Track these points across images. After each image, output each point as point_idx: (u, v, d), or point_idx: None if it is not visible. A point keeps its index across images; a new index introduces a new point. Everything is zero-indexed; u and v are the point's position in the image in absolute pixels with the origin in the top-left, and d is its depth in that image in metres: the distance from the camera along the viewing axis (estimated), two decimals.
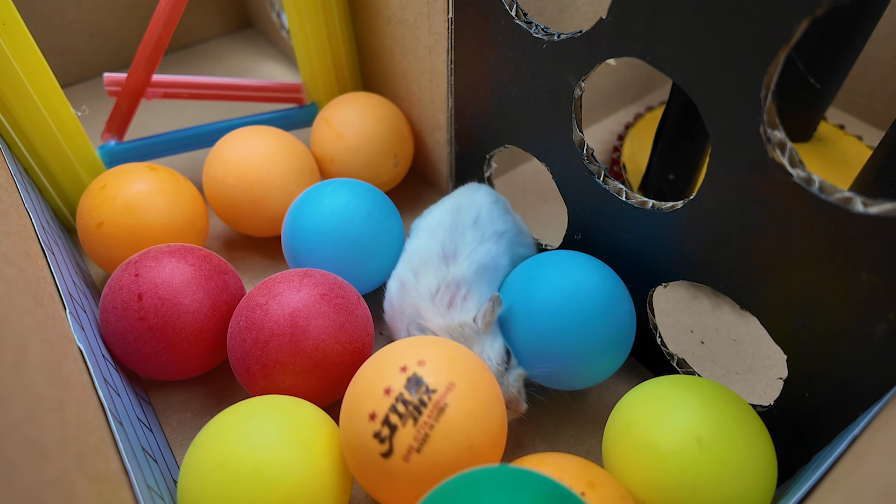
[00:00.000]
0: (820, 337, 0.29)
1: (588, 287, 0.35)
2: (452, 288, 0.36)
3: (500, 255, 0.39)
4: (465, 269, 0.37)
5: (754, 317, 0.32)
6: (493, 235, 0.39)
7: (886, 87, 0.59)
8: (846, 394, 0.29)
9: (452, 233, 0.39)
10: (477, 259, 0.38)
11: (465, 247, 0.38)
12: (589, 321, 0.34)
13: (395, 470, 0.26)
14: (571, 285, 0.35)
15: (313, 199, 0.41)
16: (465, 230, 0.39)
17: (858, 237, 0.25)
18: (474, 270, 0.37)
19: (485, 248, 0.39)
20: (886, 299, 0.26)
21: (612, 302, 0.35)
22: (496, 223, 0.40)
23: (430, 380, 0.28)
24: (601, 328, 0.34)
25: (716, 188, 0.30)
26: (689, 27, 0.27)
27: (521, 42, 0.36)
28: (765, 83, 0.25)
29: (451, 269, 0.37)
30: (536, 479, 0.21)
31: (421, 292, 0.36)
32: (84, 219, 0.42)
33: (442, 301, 0.36)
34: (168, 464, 0.35)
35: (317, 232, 0.40)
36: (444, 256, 0.38)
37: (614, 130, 0.61)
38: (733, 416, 0.29)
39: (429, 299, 0.36)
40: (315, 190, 0.42)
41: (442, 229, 0.39)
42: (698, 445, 0.28)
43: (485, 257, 0.38)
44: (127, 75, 0.47)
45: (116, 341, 0.36)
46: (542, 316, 0.35)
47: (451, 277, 0.37)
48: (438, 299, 0.36)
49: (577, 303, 0.34)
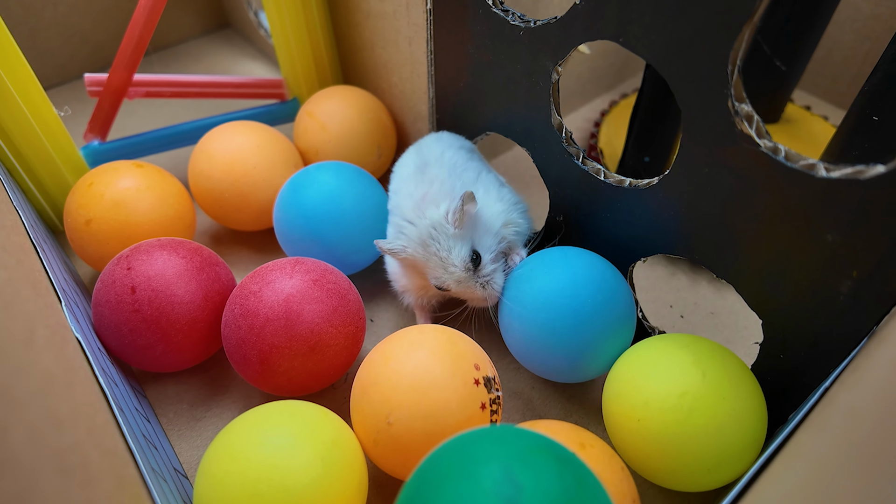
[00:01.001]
0: (791, 298, 0.31)
1: (588, 281, 0.35)
2: (425, 186, 0.38)
3: (471, 160, 0.41)
4: (436, 171, 0.39)
5: (730, 284, 0.33)
6: (461, 148, 0.42)
7: (849, 68, 0.62)
8: (818, 352, 0.31)
9: (420, 151, 0.42)
10: (447, 161, 0.40)
11: (433, 158, 0.40)
12: (591, 314, 0.34)
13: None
14: (572, 281, 0.35)
15: (306, 179, 0.42)
16: (432, 148, 0.41)
17: (822, 201, 0.27)
18: (447, 171, 0.39)
19: (455, 154, 0.41)
20: (850, 258, 0.27)
21: (612, 294, 0.36)
22: (456, 140, 0.43)
23: (489, 371, 0.33)
24: (604, 320, 0.35)
25: (689, 162, 0.31)
26: (658, 8, 0.28)
27: (498, 30, 0.37)
28: (731, 58, 0.27)
29: (426, 174, 0.39)
30: (526, 434, 0.22)
31: (402, 203, 0.39)
32: (72, 217, 0.42)
33: (419, 205, 0.38)
34: (167, 453, 0.36)
35: (310, 210, 0.41)
36: (418, 168, 0.40)
37: (591, 118, 0.62)
38: (734, 364, 0.31)
39: (410, 206, 0.38)
40: (308, 170, 0.43)
41: (412, 164, 0.42)
42: (702, 376, 0.30)
43: (455, 159, 0.40)
44: (108, 75, 0.48)
45: (111, 334, 0.36)
46: (546, 313, 0.35)
47: (426, 180, 0.39)
48: (417, 203, 0.38)
49: (579, 298, 0.35)
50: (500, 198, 0.40)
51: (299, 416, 0.31)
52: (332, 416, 0.32)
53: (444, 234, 0.36)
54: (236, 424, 0.30)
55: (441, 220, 0.36)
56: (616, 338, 0.35)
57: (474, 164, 0.42)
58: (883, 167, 0.25)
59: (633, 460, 0.32)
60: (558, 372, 0.37)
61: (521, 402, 0.40)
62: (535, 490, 0.19)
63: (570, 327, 0.34)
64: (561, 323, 0.34)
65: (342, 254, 0.42)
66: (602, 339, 0.35)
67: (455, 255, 0.36)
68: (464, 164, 0.41)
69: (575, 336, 0.34)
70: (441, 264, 0.36)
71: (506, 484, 0.19)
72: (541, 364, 0.37)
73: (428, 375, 0.31)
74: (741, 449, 0.29)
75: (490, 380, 0.33)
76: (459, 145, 0.43)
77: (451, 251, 0.36)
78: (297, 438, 0.29)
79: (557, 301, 0.35)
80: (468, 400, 0.31)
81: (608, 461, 0.29)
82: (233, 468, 0.28)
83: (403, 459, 0.31)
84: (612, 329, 0.35)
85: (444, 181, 0.39)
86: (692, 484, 0.31)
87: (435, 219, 0.36)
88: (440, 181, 0.39)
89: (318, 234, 0.41)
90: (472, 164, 0.42)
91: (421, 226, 0.36)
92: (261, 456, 0.28)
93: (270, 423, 0.30)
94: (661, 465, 0.31)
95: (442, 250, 0.36)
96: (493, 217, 0.39)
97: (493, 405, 0.32)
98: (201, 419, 0.39)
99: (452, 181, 0.39)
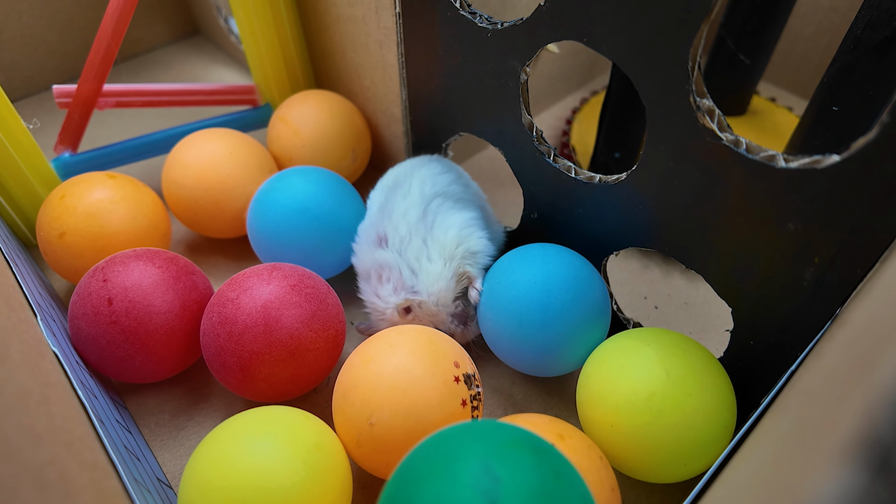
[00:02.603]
0: (758, 286, 0.32)
1: (562, 276, 0.36)
2: (380, 270, 0.39)
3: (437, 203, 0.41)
4: (389, 254, 0.39)
5: (699, 274, 0.34)
6: (427, 198, 0.41)
7: (811, 60, 0.63)
8: (786, 337, 0.32)
9: (382, 209, 0.41)
10: (407, 220, 0.40)
11: (391, 223, 0.40)
12: (566, 308, 0.35)
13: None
14: (545, 277, 0.36)
15: (278, 184, 0.43)
16: (394, 205, 0.41)
17: (783, 191, 0.28)
18: (401, 237, 0.39)
19: (412, 209, 0.40)
20: (812, 245, 0.28)
21: (586, 287, 0.36)
22: (435, 186, 0.42)
23: (469, 368, 0.34)
24: (578, 313, 0.36)
25: (654, 158, 0.32)
26: (619, 8, 0.29)
27: (467, 32, 0.38)
28: (691, 55, 0.28)
29: (379, 253, 0.39)
30: (504, 428, 0.22)
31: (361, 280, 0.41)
32: (45, 230, 0.42)
33: (377, 284, 0.39)
34: (150, 464, 0.35)
35: (283, 214, 0.41)
36: (377, 239, 0.40)
37: (562, 116, 0.63)
38: (698, 357, 0.32)
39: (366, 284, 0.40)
40: (280, 176, 0.43)
41: (376, 207, 0.42)
42: (666, 375, 0.30)
43: (411, 215, 0.40)
44: (77, 85, 0.47)
45: (89, 347, 0.36)
46: (520, 309, 0.36)
47: (381, 260, 0.39)
48: (374, 282, 0.39)
49: (552, 293, 0.35)
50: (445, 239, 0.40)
51: (281, 421, 0.31)
52: (314, 419, 0.32)
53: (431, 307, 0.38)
54: (218, 432, 0.31)
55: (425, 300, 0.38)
56: (589, 332, 0.36)
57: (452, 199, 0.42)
58: (838, 156, 0.26)
59: (610, 459, 0.33)
60: (532, 366, 0.37)
61: (502, 397, 0.41)
62: (512, 482, 0.20)
63: (539, 322, 0.35)
64: (530, 318, 0.35)
65: (317, 258, 0.42)
66: (574, 334, 0.36)
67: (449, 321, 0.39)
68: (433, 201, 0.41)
69: (545, 331, 0.35)
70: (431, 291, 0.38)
71: (483, 477, 0.20)
72: (515, 358, 0.37)
73: (408, 375, 0.31)
74: (712, 439, 0.30)
75: (470, 377, 0.33)
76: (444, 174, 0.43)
77: (444, 292, 0.38)
78: (280, 443, 0.29)
79: (528, 296, 0.35)
80: (448, 397, 0.31)
81: (586, 451, 0.29)
82: (216, 475, 0.28)
83: (386, 459, 0.31)
84: (585, 324, 0.36)
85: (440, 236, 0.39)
86: (670, 477, 0.32)
87: (425, 268, 0.38)
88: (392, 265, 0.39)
89: (291, 240, 0.41)
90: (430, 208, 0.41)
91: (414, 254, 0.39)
92: (244, 462, 0.28)
93: (252, 429, 0.30)
94: (637, 464, 0.32)
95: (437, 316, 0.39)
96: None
97: (474, 401, 0.33)
98: (183, 429, 0.39)
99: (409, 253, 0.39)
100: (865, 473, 0.07)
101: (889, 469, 0.07)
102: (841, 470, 0.08)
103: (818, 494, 0.08)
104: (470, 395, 0.32)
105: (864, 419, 0.08)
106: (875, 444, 0.08)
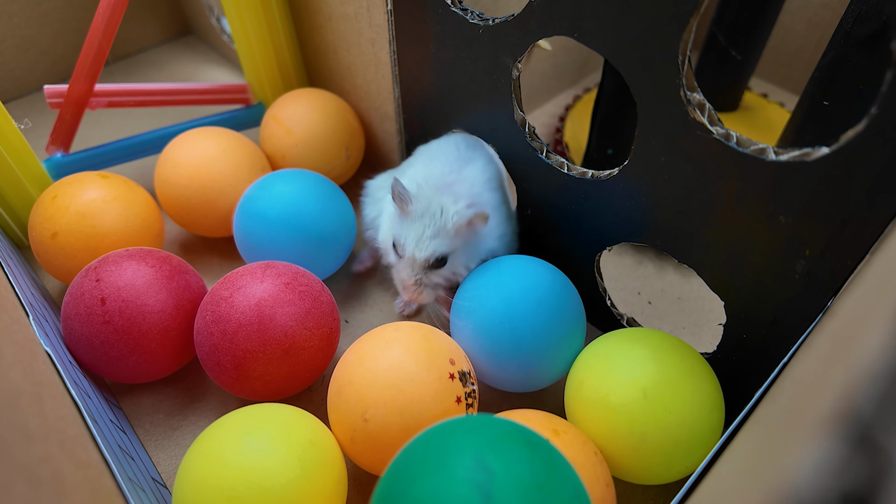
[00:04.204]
0: (750, 279, 0.32)
1: (536, 291, 0.36)
2: (456, 175, 0.40)
3: (501, 186, 0.42)
4: (474, 172, 0.41)
5: (692, 268, 0.34)
6: (501, 170, 0.43)
7: (802, 55, 0.63)
8: (778, 329, 0.32)
9: (471, 147, 0.42)
10: (489, 170, 0.41)
11: (480, 157, 0.42)
12: (540, 323, 0.35)
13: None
14: (520, 292, 0.35)
15: (262, 191, 0.42)
16: (478, 154, 0.42)
17: (774, 184, 0.28)
18: (484, 178, 0.41)
19: (497, 171, 0.42)
20: (802, 238, 0.28)
21: (560, 300, 0.36)
22: (503, 165, 0.43)
23: (465, 366, 0.34)
24: (554, 327, 0.35)
25: (646, 152, 0.32)
26: (609, 3, 0.29)
27: (458, 28, 0.38)
28: (681, 49, 0.28)
29: (468, 164, 0.41)
30: (497, 422, 0.23)
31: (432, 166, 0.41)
32: (37, 231, 0.41)
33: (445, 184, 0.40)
34: (145, 463, 0.35)
35: (269, 221, 0.41)
36: (469, 146, 0.42)
37: (555, 113, 0.63)
38: (677, 365, 0.32)
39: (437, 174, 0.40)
40: (262, 182, 0.43)
41: (463, 142, 0.43)
42: (643, 396, 0.30)
43: (495, 175, 0.42)
44: (69, 85, 0.47)
45: (83, 347, 0.36)
46: (497, 325, 0.35)
47: (463, 168, 0.41)
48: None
49: (527, 307, 0.35)
50: (500, 235, 0.41)
51: (275, 418, 0.31)
52: (309, 416, 0.32)
53: (439, 224, 0.37)
54: (212, 430, 0.30)
55: (448, 212, 0.37)
56: (565, 345, 0.36)
57: (500, 193, 0.42)
58: (827, 149, 0.26)
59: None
60: (513, 386, 0.37)
61: (497, 393, 0.41)
62: (506, 475, 0.20)
63: (510, 350, 0.35)
64: (501, 348, 0.35)
65: (304, 265, 0.42)
66: (548, 353, 0.35)
67: (429, 244, 0.37)
68: (496, 184, 0.42)
69: (519, 357, 0.35)
70: (416, 237, 0.37)
71: (477, 471, 0.20)
72: (495, 383, 0.37)
73: (403, 372, 0.31)
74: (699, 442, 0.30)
75: (465, 374, 0.33)
76: (502, 166, 0.43)
77: (431, 240, 0.37)
78: (274, 440, 0.29)
79: (498, 326, 0.35)
80: (443, 394, 0.31)
81: (581, 446, 0.30)
82: (210, 472, 0.28)
83: (381, 456, 0.31)
84: (558, 341, 0.35)
85: (475, 184, 0.40)
86: (657, 480, 0.32)
87: (446, 206, 0.37)
88: (470, 182, 0.40)
89: (277, 248, 0.41)
90: (500, 191, 0.42)
91: (434, 200, 0.38)
92: (238, 459, 0.28)
93: (246, 426, 0.30)
94: (624, 467, 0.32)
95: (427, 230, 0.37)
96: (482, 250, 0.40)
97: (469, 398, 0.33)
98: (178, 428, 0.39)
99: (481, 191, 0.40)
100: (844, 446, 0.08)
101: (867, 442, 0.07)
102: (820, 444, 0.08)
103: (798, 469, 0.08)
104: (465, 393, 0.32)
105: (843, 394, 0.09)
106: (854, 418, 0.08)
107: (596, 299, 0.42)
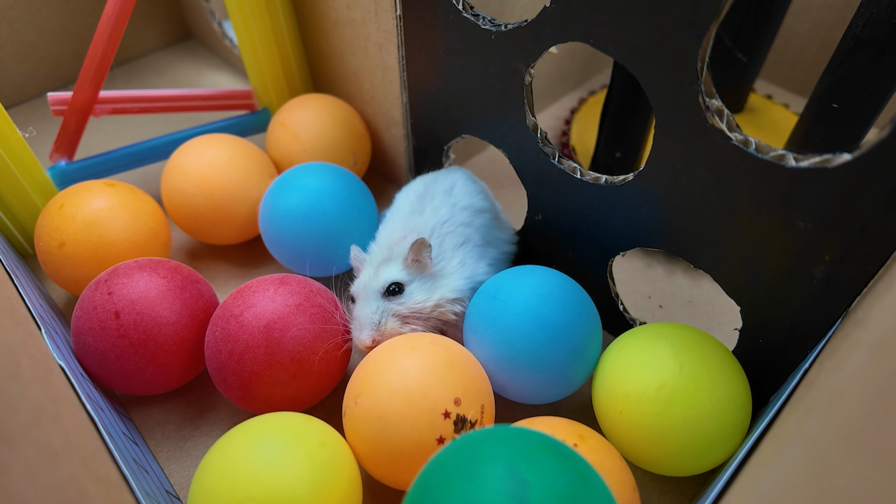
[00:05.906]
0: (767, 285, 0.32)
1: (552, 303, 0.35)
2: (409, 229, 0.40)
3: (468, 226, 0.41)
4: (424, 221, 0.40)
5: (707, 274, 0.34)
6: (465, 208, 0.41)
7: (806, 57, 0.64)
8: (795, 335, 0.32)
9: (422, 198, 0.41)
10: (438, 217, 0.40)
11: (430, 207, 0.41)
12: (557, 336, 0.34)
13: None
14: (537, 304, 0.35)
15: (289, 181, 0.43)
16: (434, 195, 0.41)
17: (793, 189, 0.28)
18: (431, 226, 0.40)
19: (449, 213, 0.41)
20: (821, 244, 0.28)
21: (577, 313, 0.35)
22: (472, 197, 0.42)
23: (470, 413, 0.31)
24: (570, 340, 0.34)
25: (662, 158, 0.32)
26: (626, 9, 0.29)
27: (469, 34, 0.37)
28: (700, 56, 0.28)
29: (421, 215, 0.40)
30: (525, 433, 0.22)
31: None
32: (44, 240, 0.41)
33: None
34: (158, 476, 0.35)
35: (293, 211, 0.42)
36: (419, 197, 0.41)
37: (561, 116, 0.63)
38: (714, 352, 0.32)
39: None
40: (291, 173, 0.44)
41: (415, 194, 0.42)
42: (679, 368, 0.30)
43: (447, 218, 0.40)
44: (73, 93, 0.47)
45: (96, 361, 0.35)
46: (511, 337, 0.34)
47: (414, 222, 0.40)
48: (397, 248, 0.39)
49: (543, 320, 0.34)
50: (468, 276, 0.39)
51: (287, 426, 0.31)
52: (317, 420, 0.32)
53: (385, 255, 0.38)
54: (226, 439, 0.30)
55: (401, 246, 0.38)
56: (581, 362, 0.35)
57: (465, 229, 0.41)
58: (849, 155, 0.26)
59: (619, 447, 0.33)
60: (527, 400, 0.37)
61: (511, 401, 0.40)
62: (540, 485, 0.20)
63: (530, 366, 0.34)
64: (519, 363, 0.34)
65: (331, 252, 0.43)
66: (566, 369, 0.34)
67: (380, 272, 0.37)
68: (457, 224, 0.40)
69: (537, 373, 0.34)
70: (368, 277, 0.38)
71: (511, 481, 0.20)
72: (516, 397, 0.37)
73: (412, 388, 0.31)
74: (723, 436, 0.30)
75: (464, 420, 0.31)
76: (467, 203, 0.42)
77: (382, 266, 0.38)
78: (287, 448, 0.29)
79: (524, 321, 0.34)
80: (429, 432, 0.30)
81: (606, 452, 0.29)
82: (224, 481, 0.28)
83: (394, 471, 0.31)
84: (577, 356, 0.35)
85: (423, 234, 0.39)
86: (678, 470, 0.32)
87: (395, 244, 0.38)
88: (418, 233, 0.39)
89: (305, 234, 0.42)
90: (464, 227, 0.41)
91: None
92: (251, 466, 0.28)
93: (260, 434, 0.30)
94: (645, 454, 0.32)
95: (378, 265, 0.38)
96: (441, 289, 0.38)
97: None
98: (189, 439, 0.38)
99: (435, 237, 0.39)
100: None
101: None
102: None
103: None
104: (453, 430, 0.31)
105: None
106: None
107: (608, 304, 0.42)
